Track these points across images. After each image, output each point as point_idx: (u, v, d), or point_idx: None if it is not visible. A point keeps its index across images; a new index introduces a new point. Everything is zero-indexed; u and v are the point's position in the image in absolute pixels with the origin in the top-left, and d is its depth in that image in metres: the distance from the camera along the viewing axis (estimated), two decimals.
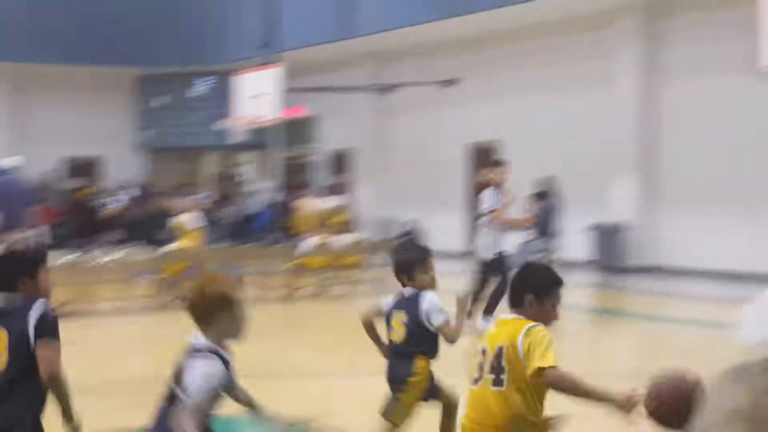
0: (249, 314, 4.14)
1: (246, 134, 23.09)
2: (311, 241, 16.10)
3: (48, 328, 4.27)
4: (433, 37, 22.47)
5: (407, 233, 23.06)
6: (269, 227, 22.38)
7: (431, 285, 5.69)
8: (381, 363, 5.77)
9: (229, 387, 4.06)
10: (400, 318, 5.61)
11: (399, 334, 5.63)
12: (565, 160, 20.32)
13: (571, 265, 19.48)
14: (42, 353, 4.24)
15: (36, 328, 4.25)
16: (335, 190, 22.81)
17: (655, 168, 18.99)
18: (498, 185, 12.03)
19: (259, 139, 25.01)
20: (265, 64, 21.27)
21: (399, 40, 23.14)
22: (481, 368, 4.36)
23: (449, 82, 22.46)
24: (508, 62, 21.64)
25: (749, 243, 16.84)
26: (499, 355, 4.29)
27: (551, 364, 4.12)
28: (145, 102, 29.13)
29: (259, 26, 23.56)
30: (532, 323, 4.26)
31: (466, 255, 17.37)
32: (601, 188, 19.38)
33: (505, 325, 4.38)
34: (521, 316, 4.35)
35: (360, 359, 7.85)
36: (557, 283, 4.42)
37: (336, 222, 16.73)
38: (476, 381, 4.38)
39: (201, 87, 28.10)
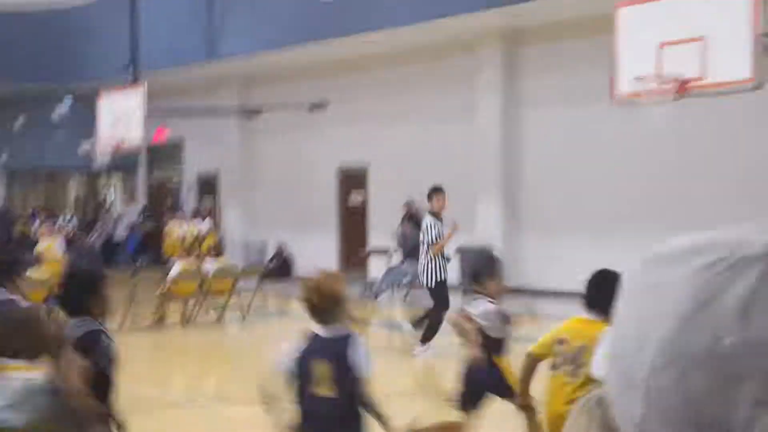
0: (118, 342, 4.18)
1: (110, 157, 22.69)
2: (179, 266, 15.92)
3: None
4: (300, 61, 22.57)
5: (275, 256, 23.02)
6: (136, 252, 22.02)
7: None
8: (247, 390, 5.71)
9: None
10: None
11: None
12: (431, 185, 20.64)
13: None
14: None
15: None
16: (202, 213, 22.61)
17: (516, 192, 19.49)
18: (438, 213, 12.18)
19: (124, 162, 24.60)
20: (129, 84, 20.97)
21: (266, 63, 23.16)
22: (561, 359, 5.07)
23: (317, 106, 22.56)
24: (374, 87, 21.90)
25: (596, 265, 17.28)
26: (580, 351, 4.88)
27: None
28: (2, 122, 28.30)
29: (123, 45, 23.21)
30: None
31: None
32: (467, 212, 19.75)
33: (585, 323, 5.08)
34: (601, 318, 4.97)
35: (229, 386, 7.82)
36: None
37: (204, 246, 16.59)
38: (555, 368, 5.13)
39: (62, 108, 27.48)
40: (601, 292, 5.04)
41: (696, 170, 16.70)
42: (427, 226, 12.19)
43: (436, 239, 12.04)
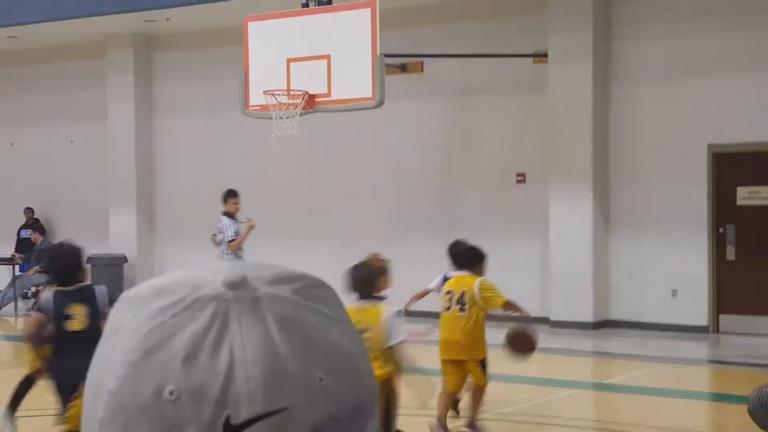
0: None
1: None
2: None
3: None
4: None
5: None
6: None
7: None
8: None
9: None
10: None
11: None
12: (60, 192, 19.93)
13: None
14: None
15: None
16: None
17: (152, 201, 19.20)
18: (233, 215, 13.36)
19: None
20: None
21: None
22: (449, 302, 8.06)
23: None
24: (2, 85, 20.74)
25: None
26: (462, 294, 7.98)
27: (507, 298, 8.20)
28: None
29: None
30: (481, 277, 8.17)
31: None
32: (100, 221, 19.18)
33: (462, 278, 8.15)
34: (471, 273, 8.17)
35: None
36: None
37: None
38: (446, 310, 8.11)
39: None
40: (462, 256, 8.30)
41: (333, 180, 17.24)
42: (224, 226, 13.25)
43: (234, 237, 13.18)
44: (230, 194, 13.64)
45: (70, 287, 6.91)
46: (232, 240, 13.21)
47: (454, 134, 16.32)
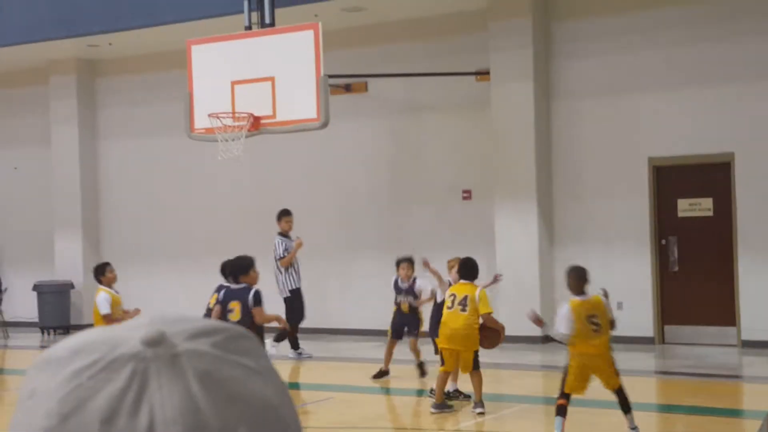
0: None
1: None
2: None
3: None
4: None
5: None
6: None
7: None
8: None
9: None
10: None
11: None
12: (4, 219, 19.74)
13: (16, 324, 18.87)
14: None
15: None
16: None
17: (97, 226, 19.06)
18: (286, 233, 14.19)
19: None
20: None
21: None
22: (452, 303, 9.95)
23: None
24: None
25: (184, 294, 17.29)
26: (465, 298, 9.89)
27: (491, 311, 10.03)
28: None
29: None
30: (480, 286, 10.07)
31: None
32: (45, 248, 19.00)
33: (465, 285, 10.04)
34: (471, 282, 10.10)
35: None
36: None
37: None
38: (449, 308, 9.97)
39: None
40: (467, 269, 10.20)
41: (280, 200, 17.25)
42: (276, 244, 14.11)
43: (284, 254, 13.97)
44: (283, 213, 14.35)
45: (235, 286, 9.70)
46: (282, 257, 13.99)
47: (400, 152, 16.43)
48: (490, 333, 10.02)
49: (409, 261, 12.14)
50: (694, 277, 14.46)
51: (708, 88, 14.21)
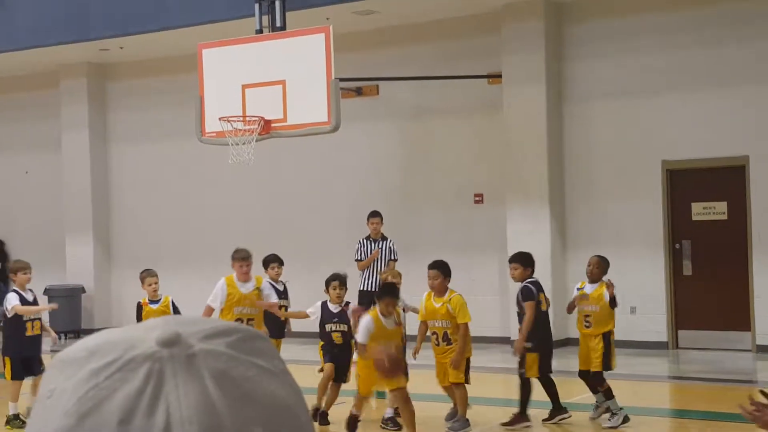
0: None
1: None
2: None
3: None
4: None
5: None
6: None
7: None
8: None
9: None
10: None
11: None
12: (15, 223, 19.76)
13: None
14: None
15: None
16: None
17: (108, 230, 19.05)
18: (370, 236, 13.82)
19: None
20: None
21: None
22: None
23: None
24: None
25: (195, 298, 17.23)
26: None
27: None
28: None
29: None
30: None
31: None
32: (56, 252, 18.99)
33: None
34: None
35: None
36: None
37: None
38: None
39: None
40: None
41: (290, 204, 17.22)
42: (357, 246, 13.90)
43: (361, 258, 13.72)
44: (372, 215, 14.00)
45: None
46: (359, 260, 13.80)
47: (411, 156, 16.37)
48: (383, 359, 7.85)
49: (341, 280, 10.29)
50: (708, 282, 14.35)
51: (722, 91, 14.11)
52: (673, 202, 14.59)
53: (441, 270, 9.57)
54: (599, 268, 10.20)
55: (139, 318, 10.80)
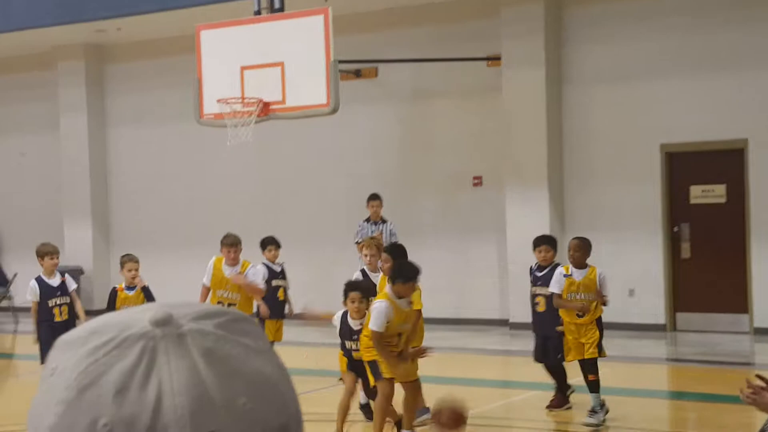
0: None
1: None
2: None
3: None
4: None
5: None
6: None
7: None
8: None
9: None
10: None
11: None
12: (13, 205, 19.74)
13: (25, 310, 18.85)
14: None
15: None
16: None
17: (107, 213, 19.04)
18: (371, 218, 13.93)
19: None
20: None
21: None
22: None
23: None
24: None
25: (194, 280, 17.27)
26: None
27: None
28: None
29: None
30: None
31: None
32: (56, 234, 18.96)
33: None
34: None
35: None
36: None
37: None
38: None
39: None
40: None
41: (288, 186, 17.20)
42: (357, 229, 14.02)
43: (361, 241, 13.28)
44: (371, 198, 14.12)
45: None
46: (359, 243, 13.55)
47: (409, 138, 16.35)
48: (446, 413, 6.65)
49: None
50: (706, 265, 14.37)
51: (721, 74, 14.09)
52: (671, 185, 14.58)
53: (392, 255, 8.99)
54: (581, 251, 9.30)
55: (113, 304, 10.60)
